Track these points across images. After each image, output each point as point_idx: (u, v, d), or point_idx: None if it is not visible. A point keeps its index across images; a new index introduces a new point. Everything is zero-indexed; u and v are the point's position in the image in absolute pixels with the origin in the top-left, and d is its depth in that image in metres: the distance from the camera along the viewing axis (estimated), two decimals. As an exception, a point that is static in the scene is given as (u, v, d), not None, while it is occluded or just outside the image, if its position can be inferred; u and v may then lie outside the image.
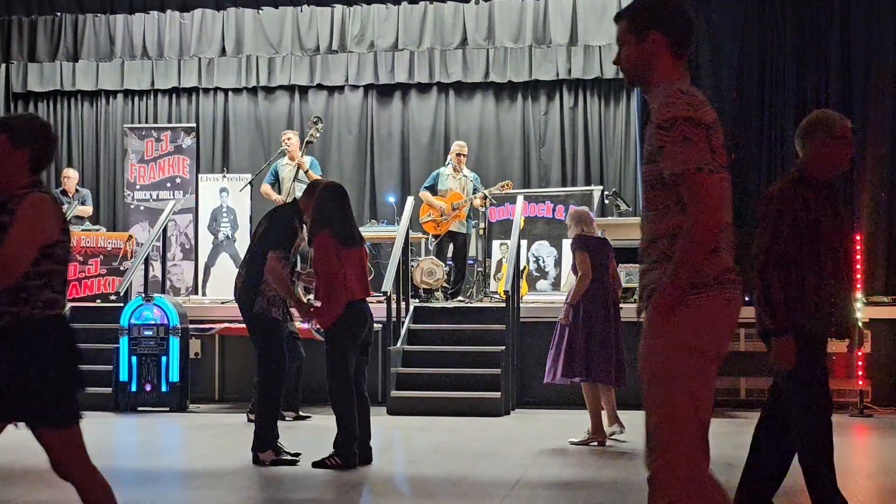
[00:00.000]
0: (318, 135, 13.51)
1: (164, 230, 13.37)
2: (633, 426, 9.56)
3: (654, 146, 3.67)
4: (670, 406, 3.65)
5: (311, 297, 8.99)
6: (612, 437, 9.06)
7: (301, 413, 10.44)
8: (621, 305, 11.62)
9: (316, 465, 7.67)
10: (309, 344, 10.74)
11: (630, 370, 8.94)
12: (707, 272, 3.67)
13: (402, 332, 11.69)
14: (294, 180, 12.82)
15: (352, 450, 7.62)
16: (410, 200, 13.19)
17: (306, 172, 12.90)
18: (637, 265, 11.74)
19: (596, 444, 8.94)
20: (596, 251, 9.07)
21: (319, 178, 13.07)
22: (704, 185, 3.59)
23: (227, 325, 11.84)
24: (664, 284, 3.64)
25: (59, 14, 16.30)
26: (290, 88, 16.57)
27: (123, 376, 11.30)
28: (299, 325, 10.49)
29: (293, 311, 8.45)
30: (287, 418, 10.12)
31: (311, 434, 9.46)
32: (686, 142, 3.59)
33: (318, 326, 8.44)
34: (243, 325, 10.74)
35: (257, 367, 8.06)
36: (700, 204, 3.58)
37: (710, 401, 3.71)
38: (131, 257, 13.68)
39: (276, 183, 13.19)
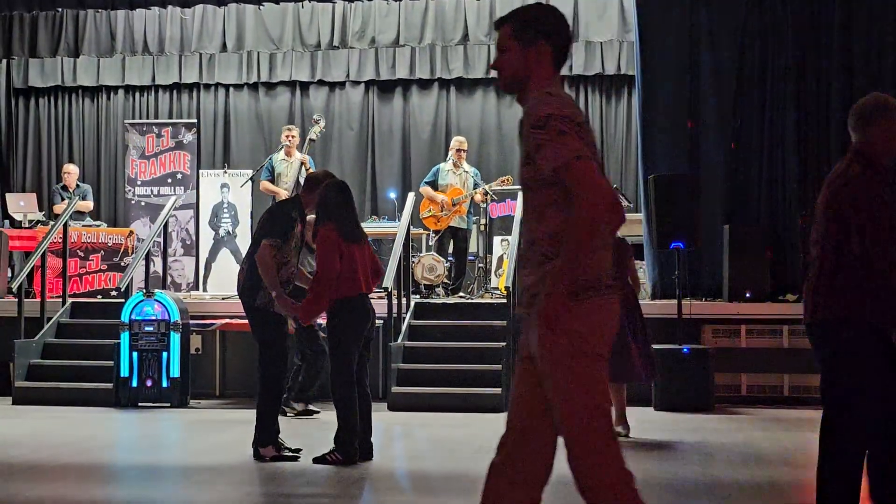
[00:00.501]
0: (320, 133, 13.54)
1: (165, 226, 13.38)
2: (635, 422, 9.57)
3: (530, 147, 3.68)
4: (580, 413, 3.74)
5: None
6: (618, 436, 9.05)
7: (311, 408, 10.38)
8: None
9: (316, 460, 7.67)
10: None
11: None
12: (590, 275, 3.69)
13: (403, 327, 11.69)
14: (298, 178, 12.82)
15: (353, 446, 7.62)
16: (411, 196, 13.18)
17: (308, 171, 12.91)
18: (638, 261, 11.79)
19: (622, 435, 8.99)
20: (614, 252, 9.07)
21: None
22: (588, 170, 3.59)
23: (227, 320, 11.84)
24: (548, 289, 3.65)
25: (60, 9, 16.30)
26: (291, 84, 16.57)
27: (124, 372, 11.30)
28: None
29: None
30: (289, 413, 10.12)
31: (312, 429, 9.46)
32: (562, 135, 3.61)
33: (321, 322, 8.43)
34: (244, 321, 10.72)
35: (258, 362, 8.05)
36: (588, 187, 3.57)
37: (601, 396, 3.77)
38: (132, 253, 13.69)
39: (273, 179, 13.18)
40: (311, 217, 8.12)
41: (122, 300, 11.80)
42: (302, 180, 12.85)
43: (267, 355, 7.94)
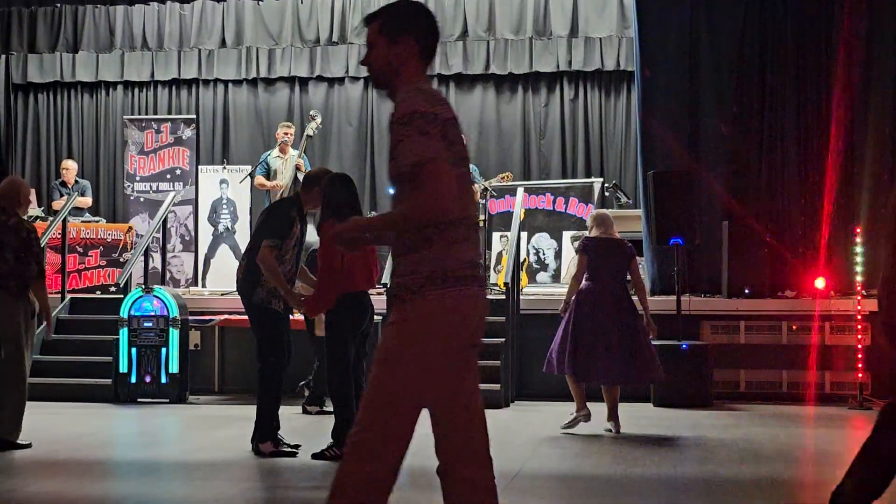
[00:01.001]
0: (317, 129, 13.52)
1: (164, 221, 13.39)
2: (625, 419, 9.58)
3: (393, 142, 3.73)
4: (381, 390, 3.73)
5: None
6: (606, 431, 9.10)
7: (326, 409, 10.37)
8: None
9: (315, 456, 7.68)
10: (306, 336, 10.72)
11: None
12: (448, 267, 3.70)
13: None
14: (296, 176, 12.81)
15: None
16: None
17: (302, 172, 12.94)
18: (639, 258, 11.79)
19: (583, 418, 9.08)
20: (599, 253, 9.14)
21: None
22: (437, 173, 3.64)
23: (226, 316, 11.84)
24: (406, 274, 3.72)
25: (58, 5, 16.30)
26: (291, 80, 16.56)
27: (123, 367, 11.31)
28: (300, 317, 10.45)
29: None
30: (312, 411, 10.14)
31: (311, 425, 9.46)
32: (423, 135, 3.66)
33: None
34: (243, 317, 10.73)
35: (256, 359, 8.05)
36: (426, 190, 3.63)
37: (424, 396, 3.76)
38: (131, 249, 13.68)
39: (268, 175, 13.16)
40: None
41: (121, 296, 11.81)
42: (301, 178, 12.85)
43: (266, 351, 7.94)
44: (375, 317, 8.27)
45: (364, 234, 4.00)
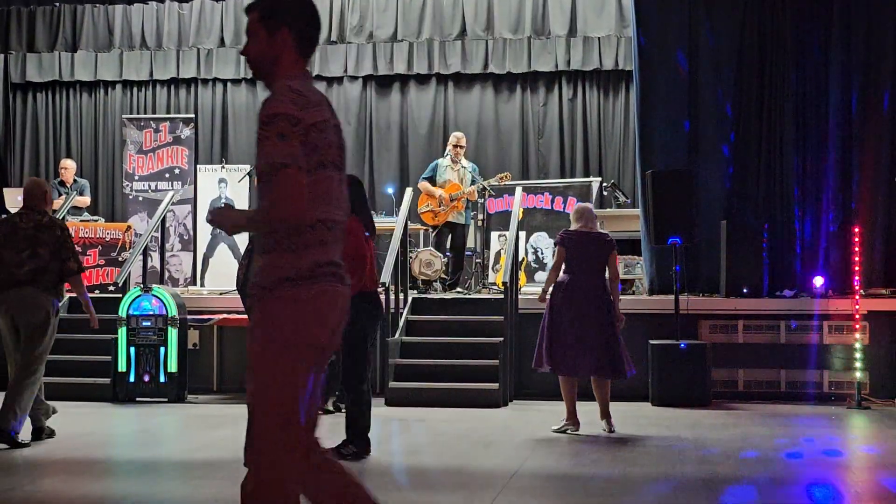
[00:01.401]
0: None
1: (163, 221, 13.38)
2: (624, 418, 9.58)
3: (257, 140, 3.76)
4: (267, 398, 3.74)
5: None
6: (609, 431, 9.10)
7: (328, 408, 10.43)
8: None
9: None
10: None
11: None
12: (303, 265, 3.73)
13: (401, 323, 11.70)
14: None
15: (367, 437, 7.78)
16: (409, 191, 13.18)
17: None
18: (635, 257, 11.86)
19: (569, 430, 9.06)
20: (578, 246, 9.13)
21: None
22: (288, 179, 3.66)
23: (225, 315, 11.84)
24: (265, 275, 3.76)
25: (57, 4, 16.30)
26: (289, 79, 16.52)
27: (122, 367, 11.31)
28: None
29: None
30: (332, 410, 10.18)
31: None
32: (280, 138, 3.67)
33: None
34: (242, 316, 10.75)
35: None
36: (275, 194, 3.67)
37: (304, 391, 3.77)
38: (130, 248, 13.68)
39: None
40: None
41: (120, 295, 11.81)
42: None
43: None
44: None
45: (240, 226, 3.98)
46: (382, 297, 11.23)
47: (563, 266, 9.18)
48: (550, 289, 9.22)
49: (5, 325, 8.41)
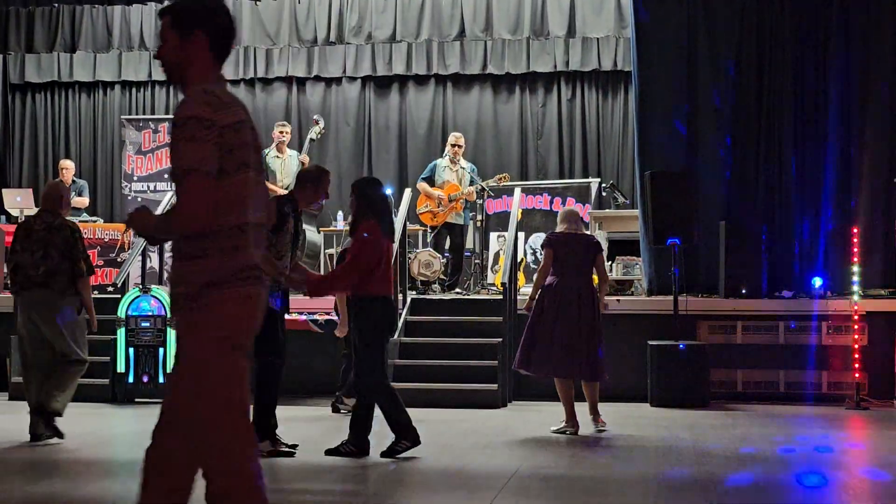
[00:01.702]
0: (319, 134, 13.56)
1: (162, 221, 13.35)
2: (609, 419, 9.58)
3: (171, 143, 3.78)
4: (205, 403, 3.75)
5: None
6: (600, 430, 9.11)
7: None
8: (618, 299, 11.72)
9: (329, 452, 7.81)
10: (304, 335, 10.74)
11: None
12: (226, 269, 3.75)
13: (400, 324, 11.69)
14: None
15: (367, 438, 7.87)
16: (408, 192, 13.18)
17: None
18: (634, 258, 11.87)
19: (569, 432, 9.06)
20: (564, 248, 9.15)
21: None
22: (196, 184, 3.67)
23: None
24: (184, 283, 3.76)
25: (56, 5, 16.29)
26: (288, 80, 16.56)
27: (121, 367, 11.30)
28: (296, 316, 10.48)
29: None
30: (343, 410, 10.18)
31: (308, 425, 9.47)
32: (192, 141, 3.68)
33: (319, 319, 8.45)
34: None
35: (254, 357, 8.02)
36: (183, 199, 3.69)
37: (240, 391, 3.79)
38: (128, 248, 13.67)
39: (268, 177, 13.15)
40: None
41: (119, 296, 11.80)
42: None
43: (262, 350, 7.93)
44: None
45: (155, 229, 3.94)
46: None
47: (550, 268, 9.19)
48: (537, 294, 9.25)
49: (27, 331, 8.68)
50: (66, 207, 8.88)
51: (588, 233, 9.58)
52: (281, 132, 13.32)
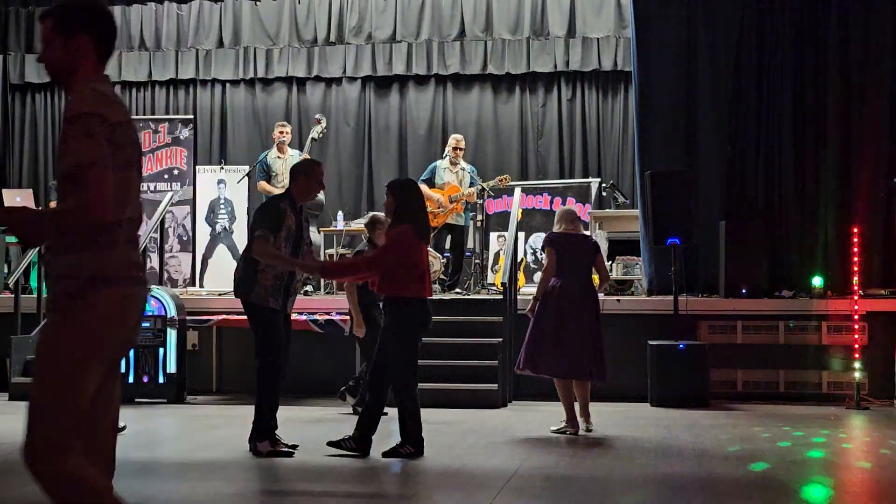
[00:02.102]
0: (321, 133, 13.57)
1: (162, 222, 13.39)
2: (609, 419, 9.58)
3: (61, 140, 3.79)
4: (53, 397, 3.74)
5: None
6: (587, 431, 9.12)
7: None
8: (617, 299, 11.72)
9: (387, 454, 7.84)
10: (304, 335, 10.73)
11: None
12: (108, 269, 3.78)
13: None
14: None
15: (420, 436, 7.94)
16: (408, 193, 13.15)
17: None
18: (634, 258, 11.87)
19: (569, 432, 9.08)
20: (566, 248, 9.17)
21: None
22: (98, 178, 3.69)
23: (224, 316, 11.84)
24: (66, 283, 3.77)
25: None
26: (288, 80, 16.56)
27: (121, 367, 11.28)
28: (296, 316, 10.48)
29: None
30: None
31: (307, 426, 9.47)
32: (88, 137, 3.70)
33: (319, 319, 8.44)
34: (241, 317, 10.69)
35: (255, 358, 8.04)
36: (84, 193, 3.69)
37: (89, 392, 3.78)
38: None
39: (269, 178, 13.15)
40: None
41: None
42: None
43: (264, 350, 7.95)
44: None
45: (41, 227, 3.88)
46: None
47: (555, 268, 9.19)
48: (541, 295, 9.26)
49: None
50: None
51: (586, 233, 9.57)
52: (281, 132, 13.32)
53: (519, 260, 12.95)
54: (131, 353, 11.26)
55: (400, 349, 7.82)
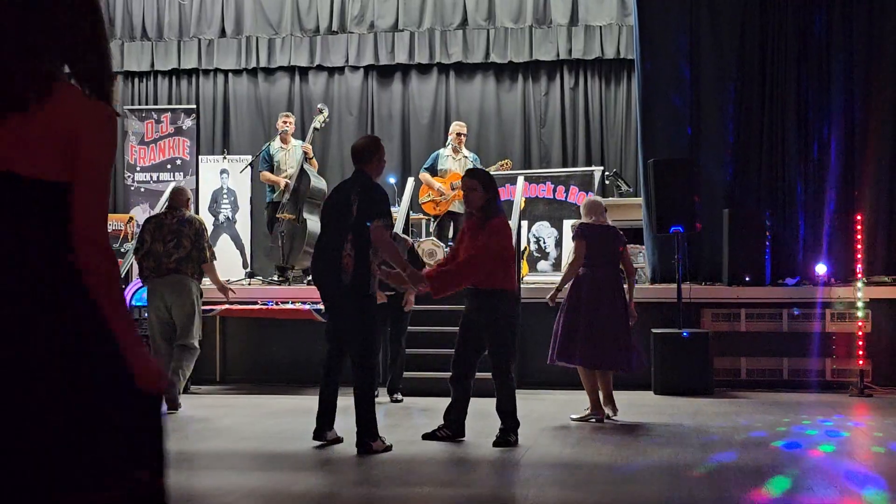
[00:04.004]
0: (324, 122, 13.56)
1: (165, 212, 13.38)
2: (626, 407, 9.59)
3: None
4: None
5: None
6: (607, 418, 9.16)
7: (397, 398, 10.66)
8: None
9: (497, 444, 7.87)
10: (308, 325, 10.72)
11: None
12: None
13: (403, 312, 11.69)
14: (302, 166, 12.82)
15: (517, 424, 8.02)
16: (411, 182, 13.17)
17: (310, 160, 12.97)
18: (637, 246, 11.81)
19: (594, 420, 9.12)
20: (597, 240, 9.19)
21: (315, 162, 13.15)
22: None
23: (227, 306, 11.84)
24: None
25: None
26: (291, 70, 16.55)
27: (125, 358, 11.29)
28: (298, 306, 10.49)
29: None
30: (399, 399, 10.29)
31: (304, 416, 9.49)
32: None
33: (322, 308, 8.39)
34: (244, 307, 10.75)
35: (361, 355, 7.72)
36: None
37: None
38: (132, 239, 13.68)
39: (272, 168, 13.12)
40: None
41: (122, 286, 11.81)
42: (306, 167, 12.84)
43: (371, 345, 7.76)
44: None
45: None
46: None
47: (583, 260, 9.20)
48: (567, 285, 9.25)
49: (156, 314, 9.82)
50: (189, 207, 10.15)
51: (612, 224, 9.58)
52: (285, 122, 13.31)
53: (522, 249, 12.93)
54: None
55: (509, 345, 8.04)
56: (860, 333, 11.12)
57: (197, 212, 15.30)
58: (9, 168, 2.72)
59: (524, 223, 13.30)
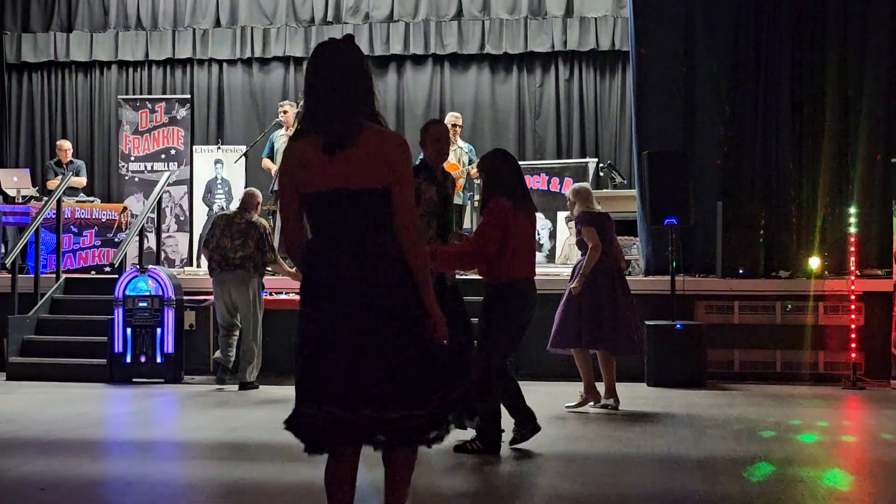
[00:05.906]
0: None
1: (159, 202, 13.38)
2: (627, 398, 9.60)
3: None
4: None
5: None
6: (607, 408, 9.17)
7: None
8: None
9: (512, 442, 7.44)
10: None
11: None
12: None
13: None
14: None
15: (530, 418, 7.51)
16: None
17: None
18: (631, 238, 11.86)
19: (591, 403, 9.18)
20: (602, 226, 9.25)
21: None
22: None
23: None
24: None
25: (52, -16, 16.21)
26: (285, 60, 16.53)
27: (118, 348, 11.31)
28: (294, 296, 10.47)
29: None
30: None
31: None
32: None
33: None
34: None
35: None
36: None
37: None
38: (126, 229, 13.67)
39: (273, 156, 13.13)
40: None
41: (116, 276, 11.80)
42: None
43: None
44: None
45: None
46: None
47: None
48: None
49: (223, 302, 10.73)
50: (258, 210, 11.00)
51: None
52: (284, 111, 13.33)
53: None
54: (129, 333, 11.28)
55: (500, 340, 7.30)
56: (853, 326, 11.14)
57: (191, 202, 15.33)
58: (361, 185, 4.05)
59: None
